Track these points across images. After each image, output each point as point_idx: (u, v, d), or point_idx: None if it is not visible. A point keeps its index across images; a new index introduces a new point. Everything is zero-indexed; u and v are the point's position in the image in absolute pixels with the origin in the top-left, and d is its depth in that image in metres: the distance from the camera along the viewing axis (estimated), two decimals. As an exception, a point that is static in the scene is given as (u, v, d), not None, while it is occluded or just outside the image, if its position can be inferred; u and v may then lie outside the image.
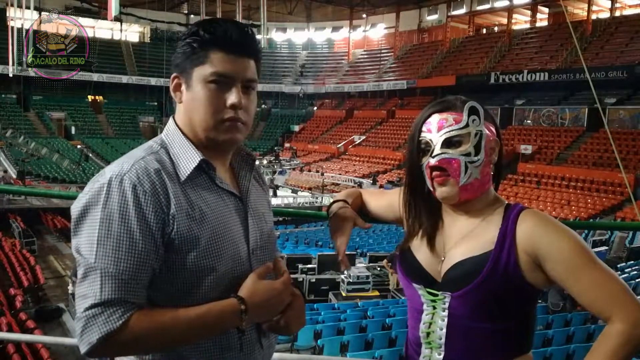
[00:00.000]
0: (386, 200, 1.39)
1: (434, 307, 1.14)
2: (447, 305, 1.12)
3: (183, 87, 1.08)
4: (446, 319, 1.12)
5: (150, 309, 0.98)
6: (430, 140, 1.14)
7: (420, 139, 1.16)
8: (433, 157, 1.12)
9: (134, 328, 0.93)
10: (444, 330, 1.12)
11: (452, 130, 1.12)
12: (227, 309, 1.01)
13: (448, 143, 1.12)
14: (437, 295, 1.14)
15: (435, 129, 1.13)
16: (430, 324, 1.15)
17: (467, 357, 1.12)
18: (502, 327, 1.09)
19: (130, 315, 0.94)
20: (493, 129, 1.17)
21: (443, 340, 1.13)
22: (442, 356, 1.14)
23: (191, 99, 1.06)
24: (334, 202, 1.37)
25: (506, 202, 1.17)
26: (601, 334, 1.00)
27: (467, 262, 1.10)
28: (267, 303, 1.05)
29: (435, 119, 1.14)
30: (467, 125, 1.12)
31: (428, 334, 1.15)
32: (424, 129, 1.15)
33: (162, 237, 0.99)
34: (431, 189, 1.16)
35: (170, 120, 1.13)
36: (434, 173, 1.13)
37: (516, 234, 1.08)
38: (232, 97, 1.05)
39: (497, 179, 1.21)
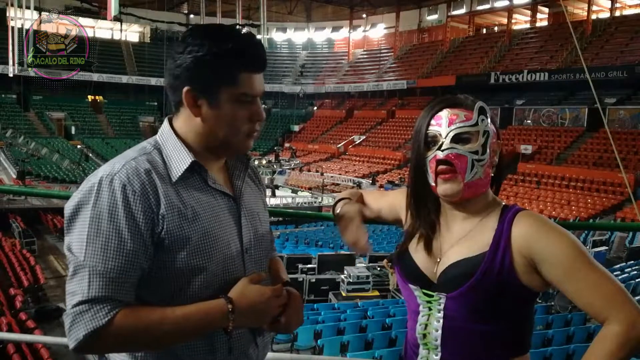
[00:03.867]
0: (386, 201, 1.38)
1: (430, 308, 1.14)
2: (442, 306, 1.12)
3: (202, 103, 1.06)
4: (442, 320, 1.12)
5: (138, 307, 0.99)
6: (439, 133, 1.12)
7: (427, 131, 1.14)
8: (442, 151, 1.11)
9: (120, 325, 0.95)
10: (440, 331, 1.13)
11: (463, 127, 1.11)
12: (214, 308, 1.02)
13: (457, 139, 1.11)
14: (432, 296, 1.14)
15: (446, 123, 1.12)
16: (426, 325, 1.15)
17: (464, 358, 1.12)
18: (497, 329, 1.09)
19: (116, 313, 0.95)
20: (495, 131, 1.17)
21: (439, 341, 1.13)
22: (439, 357, 1.14)
23: (217, 116, 1.06)
24: (338, 201, 1.37)
25: (503, 203, 1.17)
26: (597, 336, 1.00)
27: (462, 264, 1.10)
28: (255, 307, 1.05)
29: (446, 113, 1.13)
30: (476, 124, 1.12)
31: (424, 335, 1.15)
32: (433, 122, 1.14)
33: (151, 237, 1.00)
34: (432, 183, 1.14)
35: (165, 122, 1.13)
36: (440, 167, 1.12)
37: (511, 236, 1.07)
38: (260, 114, 1.10)
39: (498, 181, 1.20)
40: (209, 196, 1.08)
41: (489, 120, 1.14)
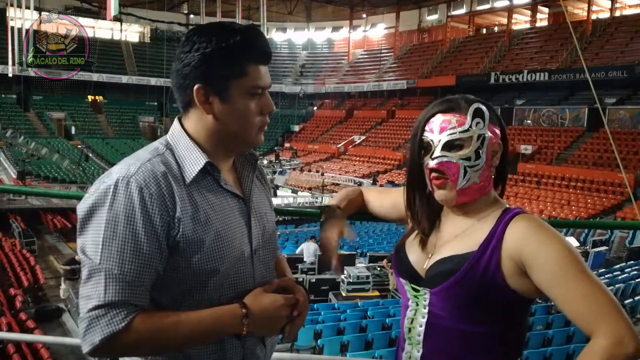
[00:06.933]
0: (390, 199, 1.37)
1: (417, 304, 1.14)
2: (427, 302, 1.12)
3: (214, 99, 1.05)
4: (426, 316, 1.12)
5: (153, 312, 0.99)
6: (432, 140, 1.12)
7: (422, 137, 1.13)
8: (432, 159, 1.11)
9: (136, 330, 0.95)
10: (423, 327, 1.12)
11: (453, 134, 1.09)
12: (228, 313, 1.02)
13: (449, 146, 1.10)
14: (419, 291, 1.14)
15: (438, 130, 1.11)
16: (412, 319, 1.15)
17: (445, 357, 1.10)
18: (482, 331, 1.07)
19: (133, 318, 0.95)
20: (498, 131, 1.14)
21: (421, 337, 1.12)
22: (420, 353, 1.13)
23: (229, 111, 1.06)
24: (325, 207, 1.35)
25: (506, 205, 1.15)
26: (584, 350, 0.95)
27: (449, 260, 1.09)
28: (268, 313, 1.06)
29: (438, 120, 1.12)
30: (469, 129, 1.09)
31: (410, 329, 1.15)
32: (426, 128, 1.13)
33: (167, 240, 0.99)
34: (430, 189, 1.15)
35: (176, 122, 1.12)
36: (432, 175, 1.12)
37: (504, 237, 1.05)
38: (270, 105, 1.11)
39: (502, 182, 1.19)
40: (221, 198, 1.08)
41: (486, 122, 1.10)
